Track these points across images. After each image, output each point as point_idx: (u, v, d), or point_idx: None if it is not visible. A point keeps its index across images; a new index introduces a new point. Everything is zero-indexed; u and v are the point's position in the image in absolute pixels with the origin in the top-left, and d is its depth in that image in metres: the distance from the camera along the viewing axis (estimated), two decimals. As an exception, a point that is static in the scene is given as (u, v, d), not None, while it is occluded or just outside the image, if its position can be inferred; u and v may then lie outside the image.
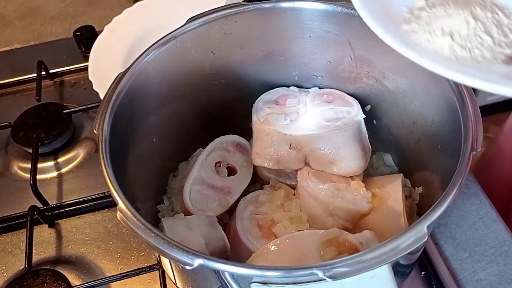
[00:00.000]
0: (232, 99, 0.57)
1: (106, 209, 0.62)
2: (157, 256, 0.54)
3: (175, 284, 0.49)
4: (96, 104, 0.69)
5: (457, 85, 0.43)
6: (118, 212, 0.38)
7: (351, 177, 0.52)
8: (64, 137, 0.69)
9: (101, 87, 0.68)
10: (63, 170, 0.68)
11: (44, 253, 0.59)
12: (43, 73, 0.78)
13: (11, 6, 0.99)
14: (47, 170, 0.68)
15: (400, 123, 0.54)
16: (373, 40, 0.51)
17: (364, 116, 0.53)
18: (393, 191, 0.49)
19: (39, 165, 0.65)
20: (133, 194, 0.43)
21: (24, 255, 0.55)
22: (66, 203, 0.62)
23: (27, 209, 0.60)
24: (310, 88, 0.57)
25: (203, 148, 0.55)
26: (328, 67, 0.55)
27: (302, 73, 0.57)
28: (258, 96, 0.56)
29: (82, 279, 0.56)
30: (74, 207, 0.62)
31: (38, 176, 0.62)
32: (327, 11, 0.51)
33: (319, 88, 0.57)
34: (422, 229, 0.35)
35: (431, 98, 0.48)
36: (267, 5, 0.51)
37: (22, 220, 0.60)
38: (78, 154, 0.69)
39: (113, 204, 0.39)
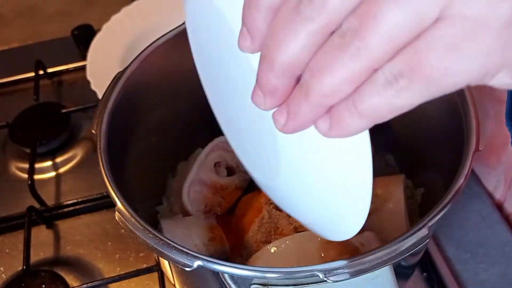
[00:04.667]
0: (231, 99, 0.57)
1: (105, 210, 0.62)
2: (156, 258, 0.54)
3: (174, 285, 0.48)
4: (95, 104, 0.68)
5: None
6: (116, 213, 0.38)
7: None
8: (62, 137, 0.69)
9: (99, 87, 0.68)
10: (61, 170, 0.67)
11: (42, 254, 0.59)
12: (41, 72, 0.77)
13: (9, 4, 0.98)
14: (45, 170, 0.67)
15: (401, 122, 0.53)
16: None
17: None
18: (394, 192, 0.49)
19: (37, 165, 0.65)
20: (131, 195, 0.42)
21: (22, 256, 0.55)
22: (64, 203, 0.62)
23: (25, 210, 0.59)
24: (310, 87, 0.56)
25: (203, 148, 0.55)
26: (328, 66, 0.55)
27: (302, 72, 0.57)
28: (258, 96, 0.55)
29: (80, 280, 0.56)
30: (72, 208, 0.62)
31: (36, 176, 0.62)
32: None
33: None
34: (424, 230, 0.35)
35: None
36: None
37: (20, 220, 0.60)
38: (76, 154, 0.69)
39: (111, 205, 0.39)
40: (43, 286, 0.53)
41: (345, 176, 0.27)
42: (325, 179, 0.28)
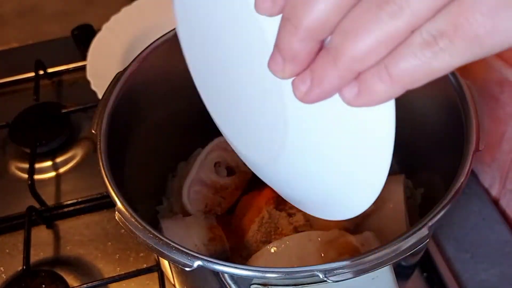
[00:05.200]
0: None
1: (105, 210, 0.62)
2: (156, 258, 0.54)
3: (174, 285, 0.48)
4: (95, 104, 0.68)
5: (459, 84, 0.43)
6: (116, 213, 0.38)
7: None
8: (62, 137, 0.69)
9: (99, 87, 0.68)
10: (61, 170, 0.67)
11: (42, 254, 0.59)
12: (41, 72, 0.77)
13: (9, 4, 0.98)
14: (45, 170, 0.67)
15: (401, 123, 0.53)
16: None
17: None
18: (394, 192, 0.49)
19: (37, 165, 0.65)
20: (131, 195, 0.42)
21: (22, 256, 0.55)
22: (64, 203, 0.62)
23: (25, 210, 0.59)
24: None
25: (203, 148, 0.55)
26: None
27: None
28: (258, 96, 0.55)
29: (80, 280, 0.56)
30: (72, 208, 0.62)
31: (36, 176, 0.62)
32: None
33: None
34: (424, 230, 0.35)
35: (432, 97, 0.47)
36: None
37: (20, 220, 0.60)
38: (76, 154, 0.69)
39: (111, 205, 0.39)
40: (43, 286, 0.53)
41: (363, 143, 0.25)
42: (339, 148, 0.26)
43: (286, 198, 0.36)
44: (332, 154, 0.28)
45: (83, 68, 0.73)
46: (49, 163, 0.68)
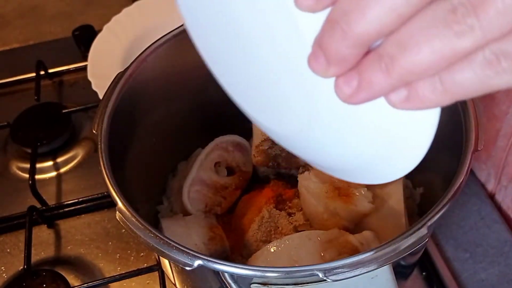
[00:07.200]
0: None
1: (105, 210, 0.62)
2: (157, 257, 0.54)
3: (175, 285, 0.49)
4: (95, 104, 0.69)
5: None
6: (117, 212, 0.38)
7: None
8: (63, 137, 0.69)
9: (100, 87, 0.68)
10: (62, 170, 0.67)
11: (43, 254, 0.59)
12: (42, 72, 0.77)
13: (10, 5, 0.98)
14: (46, 170, 0.67)
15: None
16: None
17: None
18: (394, 192, 0.49)
19: (38, 165, 0.65)
20: (132, 194, 0.42)
21: (23, 255, 0.55)
22: (65, 203, 0.62)
23: (26, 210, 0.59)
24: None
25: (203, 148, 0.55)
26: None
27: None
28: (258, 96, 0.55)
29: (81, 280, 0.56)
30: (73, 208, 0.62)
31: (37, 176, 0.62)
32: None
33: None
34: (423, 229, 0.35)
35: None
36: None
37: (21, 220, 0.60)
38: (77, 154, 0.69)
39: (112, 205, 0.39)
40: (44, 285, 0.53)
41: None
42: (380, 111, 0.24)
43: (319, 167, 0.34)
44: (371, 118, 0.26)
45: (84, 68, 0.74)
46: (50, 163, 0.68)
